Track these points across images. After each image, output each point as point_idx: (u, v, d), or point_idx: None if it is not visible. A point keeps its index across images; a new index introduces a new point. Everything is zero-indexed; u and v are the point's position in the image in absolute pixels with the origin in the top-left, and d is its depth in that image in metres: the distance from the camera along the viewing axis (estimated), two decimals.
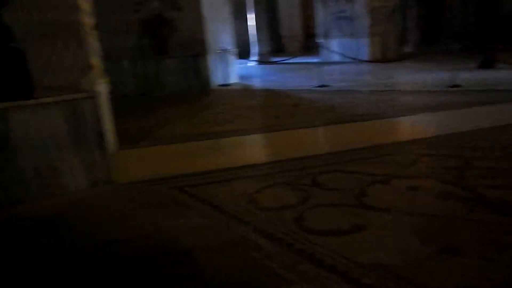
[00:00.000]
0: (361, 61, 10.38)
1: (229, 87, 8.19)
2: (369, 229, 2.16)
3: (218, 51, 8.17)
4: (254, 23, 13.27)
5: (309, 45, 15.96)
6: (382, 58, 10.67)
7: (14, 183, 2.61)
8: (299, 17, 18.06)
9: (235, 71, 8.83)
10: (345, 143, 3.81)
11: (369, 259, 1.87)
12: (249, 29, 13.57)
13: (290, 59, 12.61)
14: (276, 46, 16.32)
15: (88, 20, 3.05)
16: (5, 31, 2.39)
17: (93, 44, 3.23)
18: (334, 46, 11.41)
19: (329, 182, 2.84)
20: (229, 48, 8.53)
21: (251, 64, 12.37)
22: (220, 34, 8.26)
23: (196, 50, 7.78)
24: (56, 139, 2.72)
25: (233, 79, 8.65)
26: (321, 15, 12.11)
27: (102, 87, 3.53)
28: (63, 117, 2.71)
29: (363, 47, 10.95)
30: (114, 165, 3.12)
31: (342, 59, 10.89)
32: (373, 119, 4.68)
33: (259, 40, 13.30)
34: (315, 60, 11.73)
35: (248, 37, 13.59)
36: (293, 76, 9.63)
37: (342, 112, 5.26)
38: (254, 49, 13.34)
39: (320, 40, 11.89)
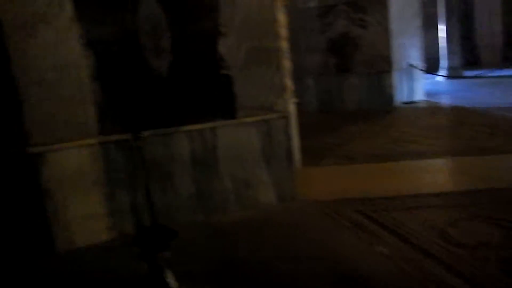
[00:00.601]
0: None
1: (414, 105, 7.75)
2: None
3: (404, 67, 7.83)
4: (445, 35, 12.29)
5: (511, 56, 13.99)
6: None
7: (217, 192, 2.95)
8: (500, 23, 15.99)
9: (421, 87, 8.31)
10: None
11: None
12: (439, 41, 12.64)
13: (487, 72, 11.24)
14: (469, 58, 14.76)
15: (284, 44, 3.29)
16: (220, 60, 2.78)
17: (287, 66, 3.46)
18: None
19: None
20: (416, 63, 8.09)
21: (440, 79, 11.47)
22: (407, 49, 7.90)
23: (380, 67, 7.60)
24: (251, 155, 2.99)
25: (419, 96, 8.15)
26: None
27: (291, 107, 3.74)
28: (258, 135, 2.97)
29: None
30: (299, 182, 3.25)
31: None
32: None
33: (449, 52, 12.26)
34: None
35: (438, 50, 12.65)
36: (491, 92, 8.56)
37: None
38: (444, 62, 12.35)
39: None
